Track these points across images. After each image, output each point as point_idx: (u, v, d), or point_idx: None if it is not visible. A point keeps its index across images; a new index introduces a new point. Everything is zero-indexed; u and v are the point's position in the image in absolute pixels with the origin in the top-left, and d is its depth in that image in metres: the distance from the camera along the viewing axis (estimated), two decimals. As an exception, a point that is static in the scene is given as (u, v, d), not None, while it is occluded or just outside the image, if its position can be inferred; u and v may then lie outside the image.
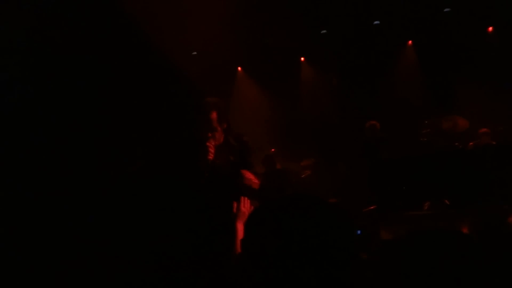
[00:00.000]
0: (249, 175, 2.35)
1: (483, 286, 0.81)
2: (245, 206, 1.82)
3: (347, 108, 6.69)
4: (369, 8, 6.23)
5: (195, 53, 6.67)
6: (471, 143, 5.61)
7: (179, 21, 4.84)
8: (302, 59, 7.67)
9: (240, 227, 1.65)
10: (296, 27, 6.25)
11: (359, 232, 2.62)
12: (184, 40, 5.40)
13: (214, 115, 2.39)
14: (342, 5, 6.12)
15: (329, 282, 0.80)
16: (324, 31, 6.96)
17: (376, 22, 6.54)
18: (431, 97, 6.40)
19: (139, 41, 4.08)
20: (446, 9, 6.31)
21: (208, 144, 2.31)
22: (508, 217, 2.09)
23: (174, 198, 2.18)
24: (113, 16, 3.45)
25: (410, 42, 6.93)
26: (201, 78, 5.63)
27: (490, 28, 6.39)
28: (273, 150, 6.07)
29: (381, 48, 6.64)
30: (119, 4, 3.45)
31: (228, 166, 2.35)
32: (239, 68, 7.85)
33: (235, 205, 1.83)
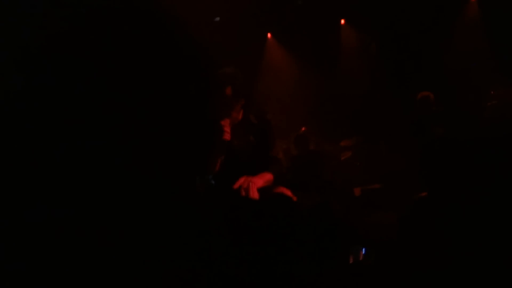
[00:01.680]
0: (284, 191, 2.26)
1: None
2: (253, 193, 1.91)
3: (393, 78, 6.57)
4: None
5: (217, 18, 6.70)
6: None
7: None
8: (342, 21, 7.55)
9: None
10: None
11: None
12: (204, 2, 5.47)
13: (228, 90, 2.33)
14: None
15: None
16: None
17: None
18: (499, 63, 6.15)
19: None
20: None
21: (222, 123, 2.27)
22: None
23: (184, 187, 2.14)
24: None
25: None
26: (225, 47, 5.70)
27: None
28: (303, 128, 6.06)
29: (436, 3, 6.45)
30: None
31: (248, 148, 2.33)
32: (269, 35, 7.86)
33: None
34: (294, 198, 2.24)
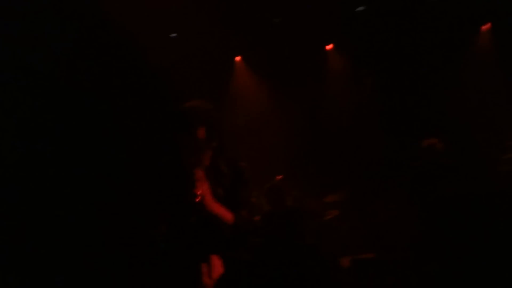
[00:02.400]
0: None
1: None
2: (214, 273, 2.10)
3: (392, 119, 6.53)
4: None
5: (174, 34, 6.59)
6: None
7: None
8: (330, 46, 7.49)
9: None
10: (321, 2, 6.15)
11: None
12: (159, 17, 5.38)
13: (201, 132, 2.25)
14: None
15: None
16: (361, 8, 6.75)
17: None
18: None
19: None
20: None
21: (196, 174, 2.19)
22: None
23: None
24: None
25: (486, 26, 6.62)
26: (184, 71, 5.70)
27: None
28: (279, 176, 5.86)
29: (442, 33, 6.46)
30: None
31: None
32: (237, 58, 7.73)
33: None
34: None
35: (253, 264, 2.39)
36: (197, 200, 2.12)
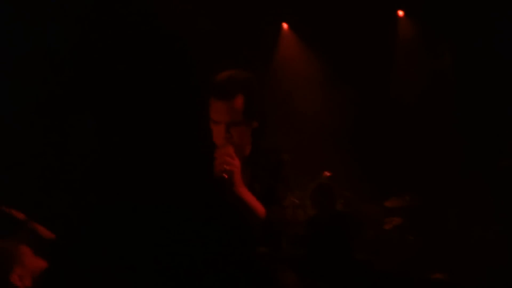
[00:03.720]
0: None
1: None
2: None
3: (476, 106, 6.33)
4: None
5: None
6: None
7: None
8: (401, 13, 7.37)
9: None
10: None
11: None
12: None
13: (239, 101, 2.26)
14: None
15: None
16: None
17: None
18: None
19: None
20: None
21: (222, 152, 2.19)
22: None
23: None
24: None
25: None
26: (219, 41, 5.70)
27: None
28: (327, 173, 5.89)
29: None
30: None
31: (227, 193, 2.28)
32: (285, 25, 7.68)
33: None
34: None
35: (291, 279, 2.39)
36: (225, 176, 2.09)
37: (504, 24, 6.29)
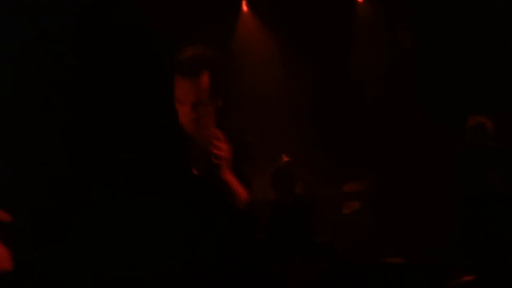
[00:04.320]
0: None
1: None
2: None
3: (432, 88, 6.44)
4: None
5: None
6: None
7: None
8: None
9: None
10: None
11: None
12: None
13: (205, 79, 2.22)
14: None
15: None
16: None
17: None
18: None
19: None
20: None
21: (210, 135, 2.16)
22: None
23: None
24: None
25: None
26: (178, 18, 5.65)
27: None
28: (285, 158, 5.87)
29: None
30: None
31: (212, 178, 2.24)
32: (244, 5, 7.58)
33: None
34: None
35: (252, 263, 2.41)
36: (215, 161, 2.07)
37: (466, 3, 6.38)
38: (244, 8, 7.51)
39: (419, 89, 6.64)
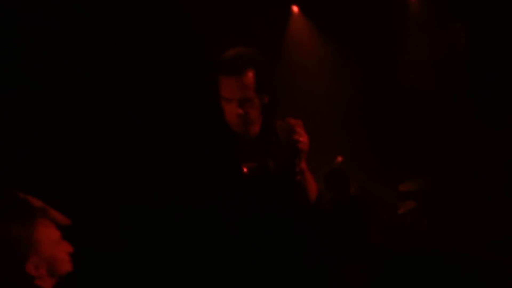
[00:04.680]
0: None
1: None
2: None
3: (494, 90, 6.22)
4: None
5: None
6: None
7: None
8: None
9: None
10: None
11: None
12: None
13: (249, 76, 2.23)
14: None
15: None
16: None
17: None
18: None
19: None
20: None
21: (292, 124, 2.19)
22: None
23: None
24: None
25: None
26: (223, 24, 5.56)
27: None
28: (340, 158, 5.91)
29: None
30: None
31: (264, 180, 2.27)
32: (295, 8, 7.59)
33: None
34: None
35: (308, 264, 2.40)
36: (300, 148, 2.08)
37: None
38: (295, 9, 7.52)
39: (474, 89, 6.52)
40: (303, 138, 2.10)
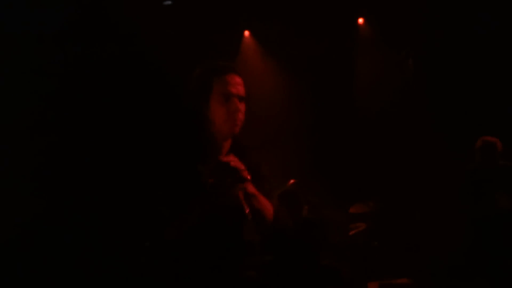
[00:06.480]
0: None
1: None
2: None
3: (438, 109, 6.38)
4: None
5: (169, 1, 6.59)
6: None
7: None
8: (361, 20, 7.41)
9: None
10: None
11: None
12: None
13: (242, 85, 2.33)
14: None
15: None
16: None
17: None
18: None
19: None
20: None
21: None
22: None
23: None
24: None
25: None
26: (179, 48, 5.82)
27: None
28: (292, 181, 5.90)
29: None
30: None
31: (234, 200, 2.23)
32: (246, 32, 7.68)
33: None
34: None
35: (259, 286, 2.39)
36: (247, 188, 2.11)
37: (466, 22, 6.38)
38: (246, 33, 7.59)
39: (425, 109, 6.57)
40: (235, 171, 2.12)
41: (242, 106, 2.31)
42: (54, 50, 4.69)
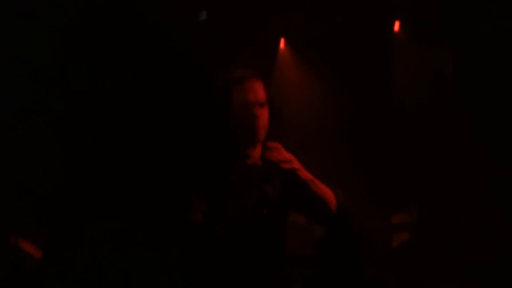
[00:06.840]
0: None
1: None
2: None
3: (481, 119, 6.20)
4: None
5: (204, 16, 6.68)
6: None
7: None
8: (396, 26, 7.27)
9: None
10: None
11: None
12: None
13: (263, 82, 2.34)
14: None
15: None
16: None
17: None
18: None
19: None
20: None
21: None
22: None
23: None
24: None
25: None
26: (213, 57, 5.73)
27: None
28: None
29: None
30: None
31: (262, 207, 2.26)
32: (282, 41, 7.64)
33: None
34: None
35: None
36: (286, 167, 2.14)
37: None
38: (281, 45, 7.58)
39: (463, 115, 6.40)
40: (285, 159, 2.18)
41: (262, 112, 2.26)
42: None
